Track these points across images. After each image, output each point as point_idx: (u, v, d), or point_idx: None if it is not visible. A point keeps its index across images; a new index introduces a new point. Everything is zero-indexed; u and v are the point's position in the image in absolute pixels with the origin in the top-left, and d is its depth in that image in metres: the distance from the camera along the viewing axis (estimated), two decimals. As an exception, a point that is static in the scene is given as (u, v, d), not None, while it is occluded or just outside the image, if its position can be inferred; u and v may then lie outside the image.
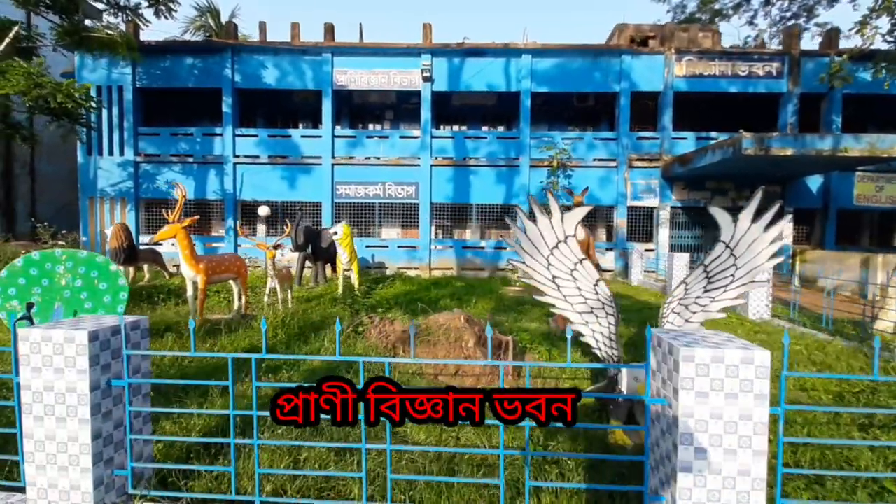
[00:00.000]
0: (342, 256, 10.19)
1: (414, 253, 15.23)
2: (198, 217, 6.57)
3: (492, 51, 14.87)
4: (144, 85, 14.89)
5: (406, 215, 15.58)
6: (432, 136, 15.09)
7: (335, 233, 10.20)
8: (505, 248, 15.35)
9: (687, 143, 15.14)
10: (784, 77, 14.94)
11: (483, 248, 15.36)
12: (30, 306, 4.30)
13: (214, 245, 15.25)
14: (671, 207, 15.10)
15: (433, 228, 15.49)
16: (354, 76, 14.98)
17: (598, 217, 16.45)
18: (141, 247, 11.21)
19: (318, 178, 15.16)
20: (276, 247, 7.31)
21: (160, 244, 7.66)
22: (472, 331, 4.81)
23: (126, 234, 9.74)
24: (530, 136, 15.08)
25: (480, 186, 15.26)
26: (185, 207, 15.60)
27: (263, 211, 8.60)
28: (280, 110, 17.61)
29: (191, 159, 15.06)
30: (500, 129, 17.89)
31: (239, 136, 15.13)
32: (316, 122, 17.47)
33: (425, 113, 14.97)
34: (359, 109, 17.62)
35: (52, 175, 19.24)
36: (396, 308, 7.93)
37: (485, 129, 17.56)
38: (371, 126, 18.07)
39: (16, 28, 8.92)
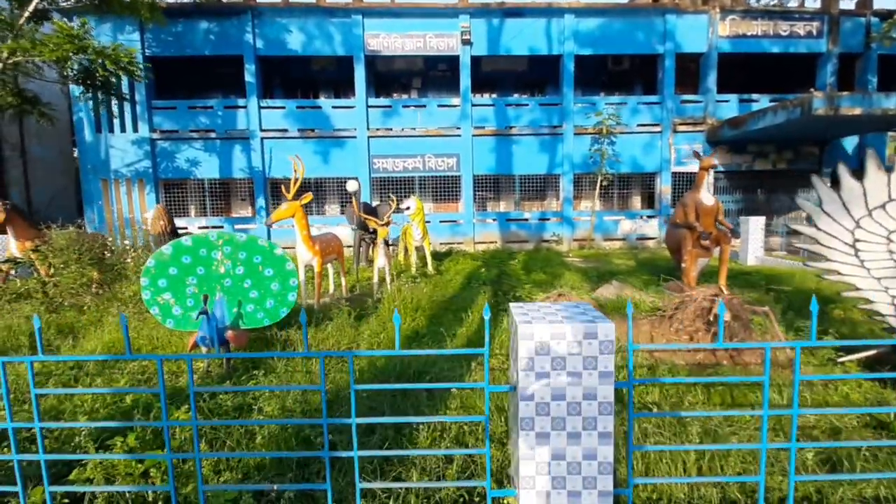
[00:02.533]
0: (415, 233, 9.63)
1: (457, 227, 14.69)
2: (312, 195, 5.87)
3: (533, 10, 14.08)
4: (155, 53, 13.50)
5: (447, 188, 14.95)
6: (472, 105, 14.34)
7: (407, 207, 9.60)
8: (549, 220, 15.00)
9: (730, 105, 14.90)
10: (823, 36, 14.74)
11: (527, 219, 14.94)
12: (206, 299, 3.66)
13: (243, 227, 14.30)
14: (715, 173, 14.94)
15: (476, 201, 14.93)
16: (387, 40, 13.97)
17: (637, 184, 16.22)
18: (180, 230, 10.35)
19: (352, 152, 14.28)
20: (386, 224, 6.69)
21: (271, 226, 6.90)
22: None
23: (169, 218, 8.94)
24: (574, 102, 14.52)
25: (523, 156, 14.71)
26: (211, 186, 14.59)
27: (352, 186, 7.89)
28: (299, 80, 16.40)
29: (213, 135, 13.90)
30: (537, 96, 17.20)
31: (264, 108, 14.01)
32: (338, 92, 16.39)
33: (464, 79, 14.17)
34: (383, 78, 16.58)
35: (43, 158, 17.56)
36: (488, 285, 7.49)
37: (516, 97, 16.83)
38: (396, 96, 17.08)
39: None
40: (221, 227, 14.15)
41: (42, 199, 17.25)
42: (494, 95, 16.78)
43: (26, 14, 7.68)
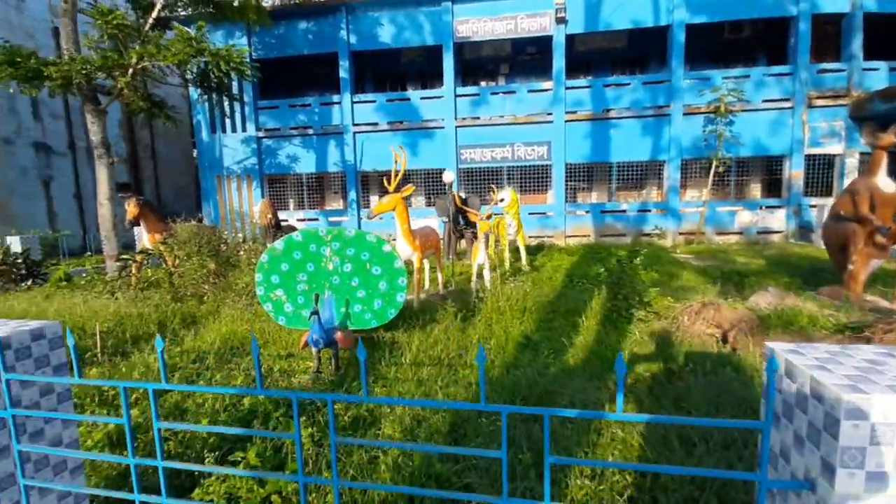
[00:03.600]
0: (509, 226, 9.12)
1: (546, 220, 13.92)
2: (415, 187, 5.65)
3: (637, -21, 12.71)
4: (260, 56, 14.34)
5: (536, 179, 14.21)
6: (566, 88, 13.39)
7: (501, 199, 9.12)
8: (650, 211, 13.62)
9: (879, 74, 12.32)
10: None
11: (625, 211, 13.71)
12: (317, 298, 3.53)
13: (336, 219, 14.81)
14: (860, 154, 12.50)
15: (567, 191, 14.01)
16: (477, 25, 13.48)
17: (758, 169, 14.16)
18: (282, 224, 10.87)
19: (440, 143, 14.08)
20: (488, 217, 6.29)
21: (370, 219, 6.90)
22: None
23: (273, 210, 9.36)
24: (684, 78, 12.93)
25: (621, 141, 13.46)
26: (308, 180, 15.31)
27: (449, 177, 7.62)
28: (389, 74, 16.55)
29: (310, 131, 14.50)
30: (637, 74, 15.70)
31: (357, 103, 14.30)
32: (425, 83, 16.27)
33: (558, 61, 13.25)
34: (470, 67, 16.14)
35: (169, 157, 19.74)
36: (593, 284, 6.73)
37: (614, 77, 15.46)
38: (482, 84, 16.57)
39: (161, -2, 8.36)
40: (316, 219, 14.79)
41: (169, 195, 19.44)
42: (589, 77, 15.57)
43: (150, 21, 8.39)
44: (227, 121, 14.56)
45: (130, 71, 8.08)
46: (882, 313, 4.51)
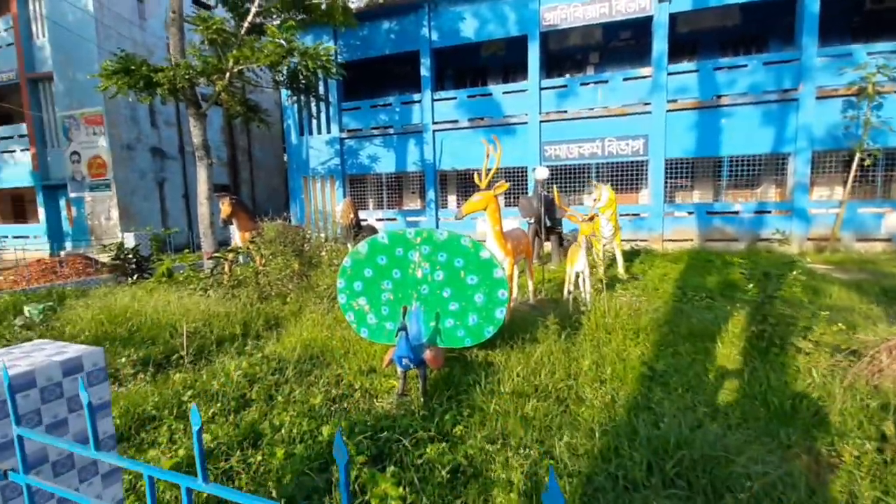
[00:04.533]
0: (604, 228, 8.12)
1: (641, 221, 12.55)
2: (509, 184, 5.03)
3: (760, -57, 10.95)
4: (345, 59, 14.56)
5: (628, 176, 12.90)
6: (668, 74, 11.94)
7: (596, 199, 8.16)
8: (769, 212, 11.72)
9: None
10: None
11: (738, 212, 11.92)
12: (405, 311, 3.04)
13: (414, 219, 14.62)
14: None
15: (666, 191, 12.52)
16: (566, 12, 12.50)
17: (916, 163, 11.60)
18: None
19: (522, 140, 13.30)
20: (591, 218, 5.49)
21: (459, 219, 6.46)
22: None
23: (355, 210, 9.26)
24: (817, 56, 10.91)
25: (734, 132, 11.71)
26: (387, 180, 15.32)
27: (542, 174, 6.91)
28: (469, 70, 16.07)
29: (391, 130, 14.47)
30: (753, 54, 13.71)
31: (437, 100, 13.99)
32: (506, 78, 15.55)
33: (659, 43, 11.85)
34: (555, 58, 15.13)
35: (263, 160, 21.02)
36: (714, 298, 5.56)
37: (726, 59, 13.59)
38: (568, 76, 15.48)
39: (256, 2, 8.61)
40: (395, 219, 14.72)
41: (262, 196, 20.71)
42: (695, 61, 13.86)
43: (245, 26, 8.68)
44: (314, 123, 14.99)
45: (227, 75, 8.40)
46: None
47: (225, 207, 6.95)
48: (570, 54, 15.05)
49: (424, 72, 13.78)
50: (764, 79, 11.40)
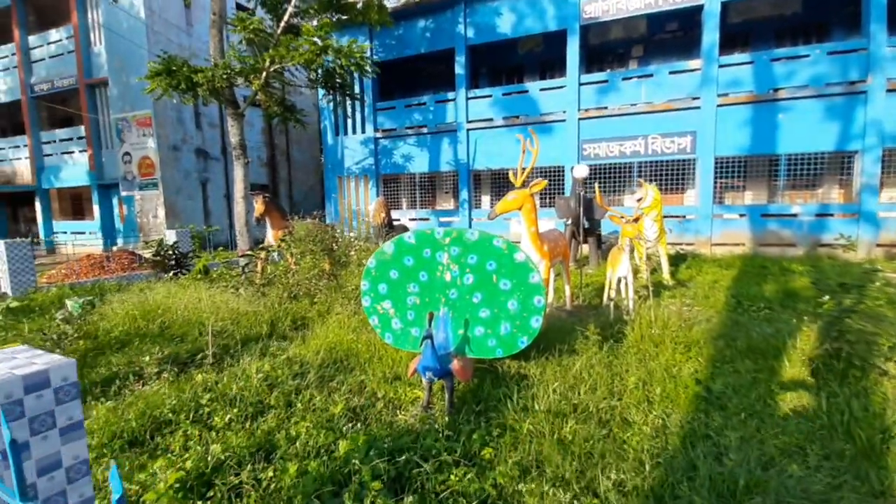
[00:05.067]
0: (648, 230, 7.59)
1: (687, 224, 11.80)
2: (546, 182, 4.71)
3: (828, -79, 10.04)
4: (380, 58, 14.55)
5: (673, 175, 12.17)
6: (719, 66, 11.16)
7: (640, 199, 7.65)
8: (831, 215, 10.73)
9: None
10: None
11: (796, 214, 10.98)
12: (430, 318, 2.80)
13: (447, 220, 14.41)
14: None
15: (715, 191, 11.72)
16: (608, 3, 11.93)
17: None
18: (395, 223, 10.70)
19: (560, 138, 12.82)
20: (636, 220, 5.08)
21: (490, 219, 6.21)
22: None
23: (387, 209, 9.16)
24: (887, 45, 9.88)
25: (793, 128, 10.79)
26: (421, 180, 15.19)
27: (582, 172, 6.53)
28: (504, 67, 15.72)
29: (425, 130, 14.32)
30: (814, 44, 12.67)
31: (471, 98, 13.72)
32: (543, 74, 15.08)
33: (710, 33, 11.10)
34: (595, 53, 14.53)
35: (300, 161, 21.43)
36: (775, 310, 4.98)
37: (784, 50, 12.62)
38: (610, 71, 14.83)
39: (293, 2, 8.65)
40: (428, 219, 14.56)
41: (300, 196, 21.11)
42: (748, 52, 12.95)
43: (282, 25, 8.73)
44: (349, 123, 15.06)
45: (264, 74, 8.47)
46: None
47: (259, 206, 6.98)
48: (611, 48, 14.42)
49: (459, 70, 13.55)
50: (828, 70, 10.45)
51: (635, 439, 2.56)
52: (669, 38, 13.54)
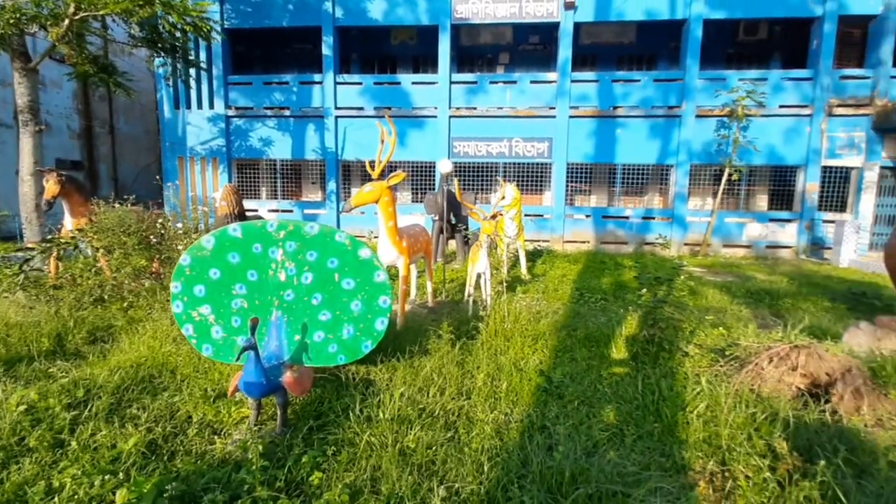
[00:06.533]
0: (508, 227, 7.99)
1: (543, 223, 12.89)
2: (405, 174, 4.48)
3: (653, -34, 11.76)
4: (234, 25, 12.89)
5: (533, 177, 13.16)
6: (572, 81, 12.36)
7: (503, 197, 7.99)
8: (654, 219, 12.73)
9: (905, 82, 11.64)
10: None
11: (628, 217, 12.77)
12: (253, 325, 2.35)
13: (312, 212, 13.48)
14: (880, 168, 11.81)
15: (567, 194, 12.99)
16: (478, 6, 12.33)
17: (765, 179, 13.41)
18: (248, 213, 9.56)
19: (431, 134, 12.90)
20: (493, 216, 5.16)
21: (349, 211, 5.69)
22: None
23: (237, 198, 8.07)
24: (698, 77, 12.03)
25: (628, 142, 12.51)
26: (283, 167, 13.92)
27: (446, 167, 6.47)
28: (377, 56, 15.26)
29: (287, 112, 13.13)
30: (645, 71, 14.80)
31: (340, 83, 12.99)
32: (416, 68, 15.05)
33: (564, 50, 12.20)
34: (467, 54, 14.98)
35: (129, 135, 18.03)
36: (609, 300, 5.67)
37: (623, 72, 14.52)
38: (479, 73, 15.44)
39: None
40: (291, 210, 13.44)
41: (128, 176, 17.74)
42: (595, 71, 14.60)
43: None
44: (193, 94, 13.05)
45: (66, 22, 6.70)
46: None
47: (50, 186, 5.43)
48: (481, 52, 15.00)
49: (327, 51, 12.71)
50: (653, 94, 12.30)
51: (477, 440, 2.47)
52: (532, 49, 14.59)
